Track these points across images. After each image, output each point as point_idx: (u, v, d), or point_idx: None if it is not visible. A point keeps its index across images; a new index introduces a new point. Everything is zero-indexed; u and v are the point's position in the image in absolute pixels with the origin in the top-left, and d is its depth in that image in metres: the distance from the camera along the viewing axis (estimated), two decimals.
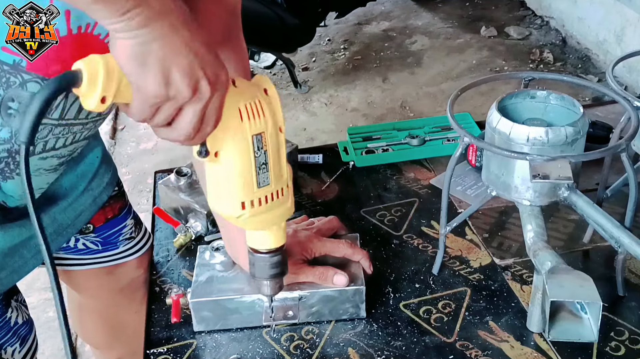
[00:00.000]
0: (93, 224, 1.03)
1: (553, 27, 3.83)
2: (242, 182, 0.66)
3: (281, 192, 0.70)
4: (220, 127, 0.62)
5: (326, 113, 3.16)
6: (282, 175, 0.69)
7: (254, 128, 0.64)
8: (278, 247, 0.75)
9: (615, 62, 0.93)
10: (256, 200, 0.67)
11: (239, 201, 0.67)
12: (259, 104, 0.65)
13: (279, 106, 0.67)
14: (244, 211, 0.67)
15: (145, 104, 0.58)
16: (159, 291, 0.97)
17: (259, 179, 0.66)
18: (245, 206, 0.67)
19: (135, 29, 0.54)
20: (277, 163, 0.68)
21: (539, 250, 0.78)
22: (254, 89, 0.66)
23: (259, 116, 0.65)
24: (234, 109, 0.63)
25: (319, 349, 0.85)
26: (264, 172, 0.67)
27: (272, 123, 0.66)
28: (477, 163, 1.16)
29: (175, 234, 1.06)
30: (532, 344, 0.84)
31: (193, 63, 0.56)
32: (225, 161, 0.65)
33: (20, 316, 0.97)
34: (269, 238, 0.74)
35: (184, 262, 1.02)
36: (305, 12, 3.00)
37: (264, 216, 0.69)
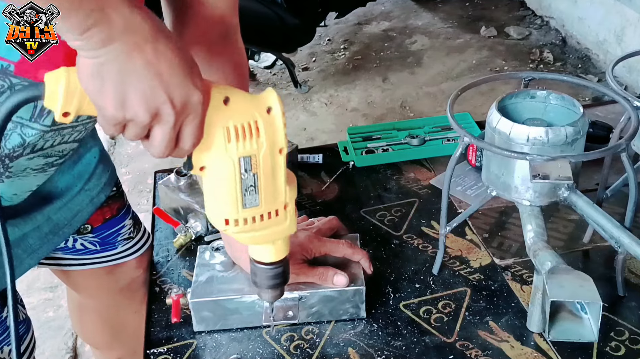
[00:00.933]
0: (91, 224, 1.03)
1: (553, 27, 3.83)
2: (226, 201, 0.64)
3: (275, 213, 0.67)
4: (205, 144, 0.61)
5: (326, 113, 3.16)
6: (277, 197, 0.66)
7: (242, 150, 0.61)
8: (279, 260, 0.73)
9: (615, 62, 0.93)
10: (241, 219, 0.65)
11: (223, 217, 0.65)
12: (254, 124, 0.61)
13: (282, 126, 0.63)
14: (227, 227, 0.66)
15: (107, 124, 0.56)
16: (159, 291, 0.97)
17: (245, 200, 0.64)
18: (229, 223, 0.65)
19: (95, 49, 0.52)
20: (270, 185, 0.65)
21: (539, 250, 0.78)
22: (252, 107, 0.62)
23: (250, 138, 0.61)
24: (221, 129, 0.60)
25: (319, 349, 0.85)
26: (252, 194, 0.64)
27: (269, 145, 0.63)
28: (477, 163, 1.17)
29: (175, 234, 1.06)
30: (532, 344, 0.84)
31: (154, 86, 0.54)
32: (210, 177, 0.64)
33: (17, 316, 0.97)
34: (268, 251, 0.72)
35: (184, 262, 1.02)
36: (305, 12, 3.00)
37: (254, 233, 0.67)
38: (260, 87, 3.41)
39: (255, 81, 3.44)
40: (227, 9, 0.85)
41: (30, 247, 0.91)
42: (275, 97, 0.63)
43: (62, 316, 2.06)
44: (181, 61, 0.56)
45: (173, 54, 0.55)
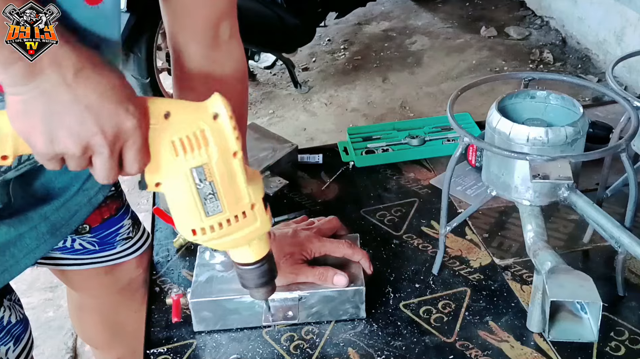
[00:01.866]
0: (89, 224, 1.03)
1: (553, 27, 3.83)
2: (187, 212, 0.63)
3: (242, 216, 0.66)
4: (154, 162, 0.60)
5: (326, 113, 3.16)
6: (241, 199, 0.65)
7: (192, 161, 0.61)
8: (261, 259, 0.73)
9: (615, 62, 0.93)
10: (207, 227, 0.64)
11: (189, 228, 0.65)
12: (200, 134, 0.60)
13: (231, 131, 0.62)
14: (196, 237, 0.65)
15: (42, 159, 0.56)
16: (159, 291, 0.97)
17: (206, 208, 0.63)
18: (197, 233, 0.65)
19: (19, 85, 0.51)
20: (230, 190, 0.64)
21: (539, 250, 0.78)
22: (196, 117, 0.61)
23: (198, 148, 0.60)
24: (167, 144, 0.60)
25: (319, 349, 0.85)
26: (212, 201, 0.63)
27: (221, 152, 0.62)
28: (477, 163, 1.17)
29: (175, 234, 1.06)
30: (532, 344, 0.84)
31: (83, 120, 0.53)
32: (167, 192, 0.63)
33: (14, 315, 0.96)
34: (247, 253, 0.72)
35: (184, 262, 1.02)
36: (305, 12, 3.00)
37: (226, 239, 0.67)
38: (260, 87, 3.41)
39: (255, 81, 3.44)
40: (224, 13, 0.84)
41: (26, 247, 0.90)
42: (221, 102, 0.61)
43: (62, 316, 2.06)
44: (112, 89, 0.55)
45: (102, 84, 0.54)
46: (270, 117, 3.12)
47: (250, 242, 0.70)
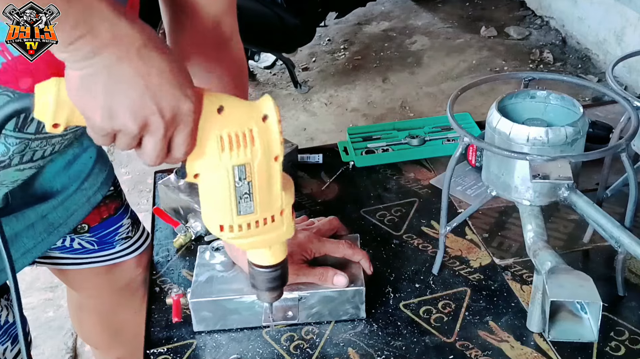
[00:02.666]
0: (88, 223, 1.03)
1: (553, 27, 3.83)
2: (220, 208, 0.64)
3: (271, 220, 0.66)
4: (198, 152, 0.60)
5: (326, 113, 3.16)
6: (273, 203, 0.66)
7: (236, 159, 0.61)
8: (277, 264, 0.73)
9: (615, 62, 0.93)
10: (236, 226, 0.65)
11: (218, 223, 0.65)
12: (249, 133, 0.61)
13: (277, 134, 0.62)
14: (223, 233, 0.65)
15: (96, 134, 0.56)
16: (159, 291, 0.97)
17: (239, 207, 0.63)
18: (224, 229, 0.65)
19: (81, 60, 0.51)
20: (265, 193, 0.64)
21: (539, 250, 0.78)
22: (247, 116, 0.61)
23: (245, 146, 0.61)
24: (215, 137, 0.60)
25: (319, 349, 0.85)
26: (247, 201, 0.63)
27: (264, 153, 0.62)
28: (477, 163, 1.16)
29: (175, 234, 1.06)
30: (532, 344, 0.84)
31: (143, 97, 0.53)
32: (204, 184, 0.63)
33: (11, 315, 0.96)
34: (266, 255, 0.72)
35: (184, 262, 1.02)
36: (305, 12, 3.00)
37: (250, 239, 0.67)
38: (260, 87, 3.41)
39: (255, 81, 3.44)
40: (223, 12, 0.84)
41: (23, 246, 0.90)
42: (272, 105, 0.62)
43: (62, 316, 2.06)
44: (172, 70, 0.55)
45: (163, 63, 0.54)
46: None
47: (272, 246, 0.70)
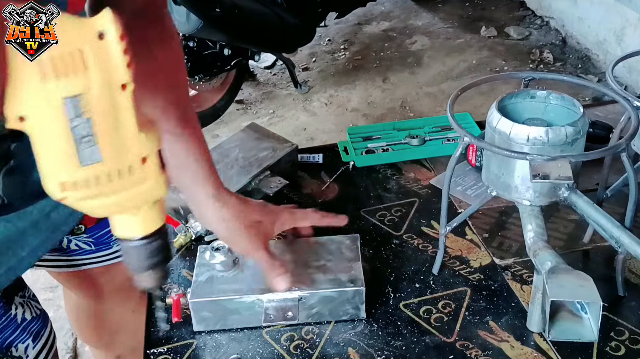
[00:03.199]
0: (85, 224, 1.03)
1: (553, 27, 3.83)
2: (57, 158, 0.50)
3: (127, 171, 0.52)
4: (15, 85, 0.48)
5: (326, 113, 3.16)
6: (129, 148, 0.52)
7: (65, 89, 0.48)
8: (152, 233, 0.60)
9: (615, 62, 0.93)
10: (81, 181, 0.51)
11: (57, 180, 0.51)
12: (79, 55, 0.48)
13: (120, 55, 0.49)
14: (65, 193, 0.52)
15: None
16: (159, 291, 0.97)
17: (80, 155, 0.50)
18: (67, 187, 0.51)
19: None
20: (114, 133, 0.51)
21: (539, 250, 0.78)
22: (75, 33, 0.49)
23: (74, 73, 0.48)
24: (33, 64, 0.48)
25: (319, 349, 0.85)
26: (90, 146, 0.50)
27: (103, 80, 0.49)
28: (477, 163, 1.17)
29: (175, 234, 1.06)
30: (532, 344, 0.84)
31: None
32: (33, 130, 0.49)
33: (29, 312, 0.95)
34: (134, 223, 0.58)
35: (184, 262, 1.02)
36: (305, 12, 3.00)
37: (104, 199, 0.53)
38: (260, 87, 3.41)
39: (255, 81, 3.44)
40: None
41: (29, 245, 0.90)
42: (109, 18, 0.49)
43: (62, 316, 2.06)
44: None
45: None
46: (270, 117, 3.12)
47: (139, 209, 0.57)
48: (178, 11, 2.32)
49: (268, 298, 0.87)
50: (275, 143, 1.20)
